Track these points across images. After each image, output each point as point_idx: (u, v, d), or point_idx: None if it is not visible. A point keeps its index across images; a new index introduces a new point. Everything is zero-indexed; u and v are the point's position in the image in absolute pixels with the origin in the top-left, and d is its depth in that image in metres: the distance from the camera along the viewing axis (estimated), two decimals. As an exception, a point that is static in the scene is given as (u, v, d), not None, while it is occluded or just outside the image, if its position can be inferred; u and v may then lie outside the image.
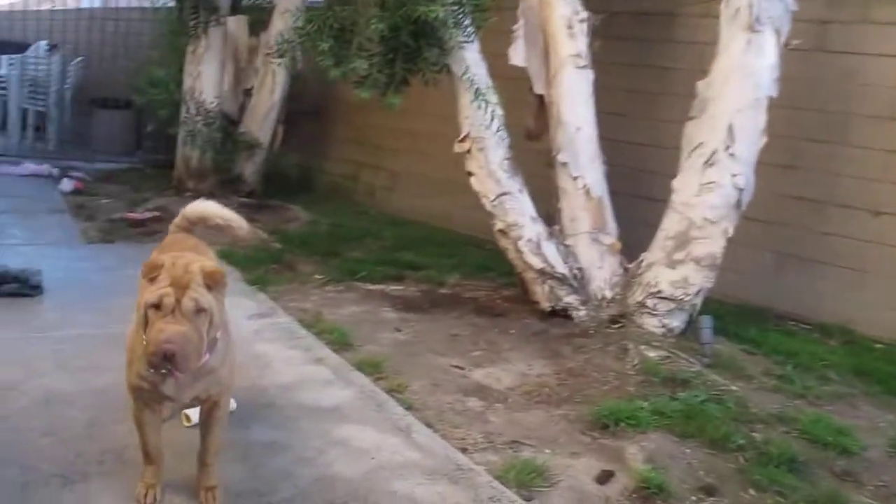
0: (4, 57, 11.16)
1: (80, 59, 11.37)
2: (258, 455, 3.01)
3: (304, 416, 3.40)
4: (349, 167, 9.18)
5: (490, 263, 6.34)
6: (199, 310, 2.26)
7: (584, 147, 5.06)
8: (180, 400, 2.49)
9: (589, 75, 5.08)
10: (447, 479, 3.00)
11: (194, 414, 3.24)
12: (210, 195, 7.72)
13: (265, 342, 4.26)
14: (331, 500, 2.75)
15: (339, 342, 4.37)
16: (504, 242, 5.07)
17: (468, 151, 5.04)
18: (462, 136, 5.04)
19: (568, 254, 5.07)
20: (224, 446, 3.03)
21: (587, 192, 5.07)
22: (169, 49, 8.19)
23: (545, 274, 4.99)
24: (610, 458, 3.38)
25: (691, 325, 4.74)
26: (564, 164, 5.07)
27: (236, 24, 7.92)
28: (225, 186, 8.02)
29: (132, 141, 10.52)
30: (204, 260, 2.40)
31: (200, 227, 3.12)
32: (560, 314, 5.06)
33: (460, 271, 6.16)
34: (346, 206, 8.66)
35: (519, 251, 5.00)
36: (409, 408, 3.64)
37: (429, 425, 3.47)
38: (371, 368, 4.03)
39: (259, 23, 8.16)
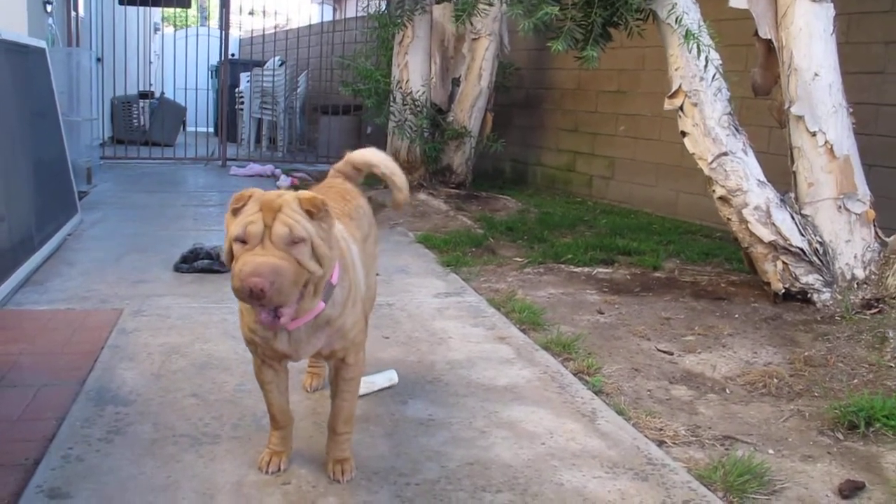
0: (243, 74, 12.06)
1: (305, 71, 11.91)
2: (408, 432, 2.61)
3: (472, 395, 2.96)
4: (564, 157, 8.70)
5: (717, 251, 5.61)
6: (296, 239, 1.85)
7: (823, 97, 4.20)
8: (298, 355, 2.14)
9: (828, 10, 4.21)
10: (632, 474, 2.41)
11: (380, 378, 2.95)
12: (419, 186, 7.66)
13: (445, 319, 3.88)
14: (482, 487, 2.27)
15: (529, 322, 3.90)
16: (726, 211, 4.32)
17: (680, 108, 4.36)
18: (673, 90, 4.37)
19: (806, 224, 4.23)
20: (371, 419, 2.70)
21: (830, 150, 4.20)
22: (377, 41, 8.18)
23: (777, 248, 4.18)
24: (858, 465, 2.62)
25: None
26: (800, 118, 4.24)
27: (442, 12, 7.73)
28: (434, 177, 7.85)
29: (354, 144, 10.77)
30: (300, 192, 2.00)
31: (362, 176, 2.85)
32: (797, 297, 4.24)
33: (680, 258, 5.47)
34: (560, 197, 8.21)
35: (744, 221, 4.23)
36: (598, 392, 3.08)
37: (620, 413, 2.89)
38: (559, 348, 3.52)
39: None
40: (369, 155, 2.80)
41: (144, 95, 11.96)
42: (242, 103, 11.81)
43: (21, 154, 4.65)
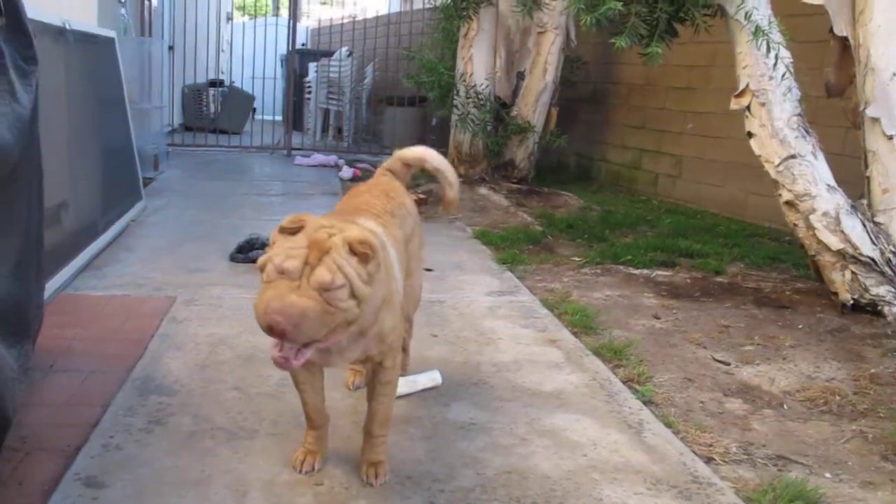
0: (312, 64, 12.17)
1: (372, 61, 11.95)
2: (447, 436, 2.56)
3: (516, 399, 2.89)
4: (629, 154, 8.52)
5: (784, 256, 5.40)
6: (335, 286, 1.80)
7: (903, 98, 3.99)
8: (329, 364, 2.10)
9: (912, 6, 3.99)
10: (676, 492, 2.31)
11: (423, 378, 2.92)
12: (481, 180, 7.59)
13: (496, 319, 3.82)
14: (517, 498, 2.21)
15: (581, 325, 3.80)
16: (792, 217, 4.14)
17: (747, 108, 4.19)
18: (740, 89, 4.21)
19: (879, 233, 4.02)
20: (411, 420, 2.66)
21: (908, 156, 3.98)
22: (442, 34, 8.12)
23: (846, 257, 3.99)
24: (923, 494, 2.47)
25: None
26: (875, 121, 4.03)
27: (508, 5, 7.61)
28: (496, 172, 7.77)
29: (418, 135, 10.75)
30: (351, 229, 1.94)
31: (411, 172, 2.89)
32: (866, 309, 4.04)
33: (745, 262, 5.28)
34: (624, 195, 8.04)
35: (811, 227, 4.05)
36: (647, 402, 2.98)
37: (668, 425, 2.78)
38: (611, 354, 3.42)
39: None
40: (420, 151, 2.86)
41: (214, 84, 12.17)
42: (310, 93, 11.92)
43: (88, 141, 4.76)
